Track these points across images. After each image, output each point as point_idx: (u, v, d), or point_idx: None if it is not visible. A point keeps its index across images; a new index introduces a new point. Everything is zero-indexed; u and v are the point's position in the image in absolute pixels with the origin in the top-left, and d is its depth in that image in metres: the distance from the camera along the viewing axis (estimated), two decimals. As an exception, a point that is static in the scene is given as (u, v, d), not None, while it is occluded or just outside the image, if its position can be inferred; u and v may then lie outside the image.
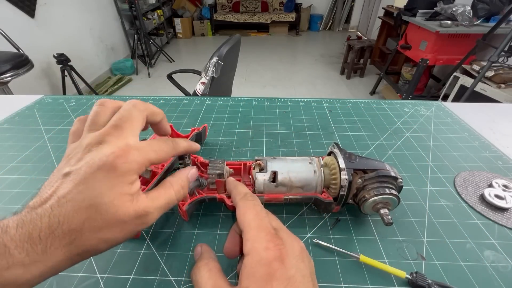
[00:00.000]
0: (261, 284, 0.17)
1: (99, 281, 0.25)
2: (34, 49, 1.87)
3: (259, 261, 0.18)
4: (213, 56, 1.06)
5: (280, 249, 0.19)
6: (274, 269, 0.17)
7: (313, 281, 0.19)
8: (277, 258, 0.18)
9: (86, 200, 0.16)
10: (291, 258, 0.18)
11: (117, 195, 0.17)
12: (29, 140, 0.46)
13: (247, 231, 0.19)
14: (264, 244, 0.19)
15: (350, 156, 0.29)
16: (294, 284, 0.17)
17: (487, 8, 1.67)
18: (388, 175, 0.27)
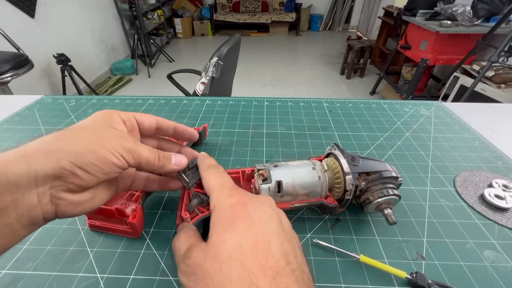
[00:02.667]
0: (225, 226, 0.18)
1: (99, 281, 0.25)
2: (34, 49, 1.87)
3: (222, 207, 0.19)
4: (213, 56, 1.06)
5: (242, 194, 0.20)
6: (237, 211, 0.18)
7: (288, 233, 0.19)
8: (240, 202, 0.19)
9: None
10: (255, 203, 0.19)
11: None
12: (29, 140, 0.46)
13: (211, 191, 0.21)
14: (227, 193, 0.20)
15: (353, 159, 0.28)
16: (258, 224, 0.18)
17: (487, 8, 1.67)
18: (390, 176, 0.27)
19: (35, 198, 0.17)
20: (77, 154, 0.17)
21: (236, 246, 0.16)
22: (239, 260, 0.16)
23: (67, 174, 0.17)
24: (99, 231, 0.30)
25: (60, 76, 1.94)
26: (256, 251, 0.16)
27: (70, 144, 0.18)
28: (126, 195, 0.31)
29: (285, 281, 0.15)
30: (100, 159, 0.18)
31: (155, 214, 0.32)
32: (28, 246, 0.29)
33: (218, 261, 0.16)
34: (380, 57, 3.07)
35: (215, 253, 0.17)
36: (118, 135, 0.21)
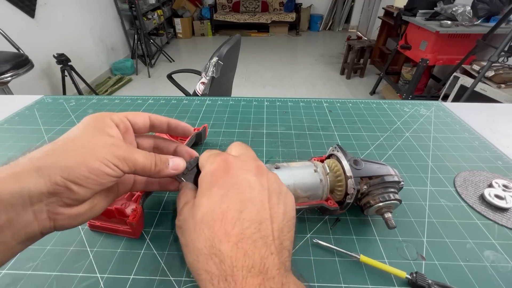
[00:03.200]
0: (203, 191, 0.19)
1: (99, 281, 0.25)
2: (34, 49, 1.87)
3: (205, 173, 0.20)
4: (213, 56, 1.06)
5: (226, 161, 0.20)
6: (216, 177, 0.19)
7: (273, 199, 0.19)
8: (221, 168, 0.20)
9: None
10: (238, 169, 0.20)
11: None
12: (29, 140, 0.46)
13: (200, 163, 0.22)
14: (211, 160, 0.21)
15: (356, 162, 0.28)
16: (236, 191, 0.18)
17: (487, 8, 1.67)
18: (392, 180, 0.27)
19: (31, 215, 0.17)
20: (69, 169, 0.17)
21: (208, 211, 0.18)
22: (208, 223, 0.17)
23: (61, 190, 0.17)
24: (99, 231, 0.30)
25: (60, 76, 1.94)
26: (225, 218, 0.17)
27: (60, 159, 0.17)
28: (126, 195, 0.31)
29: (247, 247, 0.16)
30: (92, 171, 0.18)
31: (155, 214, 0.32)
32: (28, 246, 0.29)
33: (194, 220, 0.18)
34: (380, 57, 3.07)
35: (193, 213, 0.19)
36: (109, 142, 0.20)
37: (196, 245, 0.17)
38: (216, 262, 0.16)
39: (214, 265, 0.16)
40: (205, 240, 0.17)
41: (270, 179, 0.20)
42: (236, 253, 0.16)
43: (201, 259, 0.17)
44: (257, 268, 0.16)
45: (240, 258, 0.16)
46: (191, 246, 0.18)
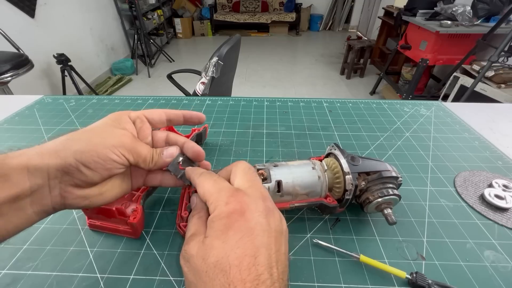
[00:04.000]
0: (218, 233, 0.18)
1: (99, 281, 0.25)
2: (34, 49, 1.87)
3: (219, 214, 0.19)
4: (213, 56, 1.06)
5: (241, 202, 0.20)
6: (233, 220, 0.19)
7: (278, 240, 0.19)
8: (236, 211, 0.19)
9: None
10: (253, 212, 0.19)
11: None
12: (29, 140, 0.46)
13: (209, 197, 0.21)
14: (225, 200, 0.20)
15: (353, 159, 0.28)
16: (251, 236, 0.18)
17: (487, 8, 1.67)
18: (390, 175, 0.27)
19: (47, 189, 0.20)
20: (81, 153, 0.20)
21: (224, 256, 0.17)
22: (223, 270, 0.17)
23: (72, 170, 0.20)
24: (99, 231, 0.30)
25: (60, 76, 1.94)
26: (241, 264, 0.17)
27: (76, 144, 0.21)
28: (127, 195, 0.31)
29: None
30: (100, 156, 0.21)
31: (155, 214, 0.32)
32: (28, 246, 0.29)
33: (205, 263, 0.17)
34: (380, 57, 3.07)
35: (205, 255, 0.18)
36: (120, 134, 0.23)
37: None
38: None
39: None
40: (220, 284, 0.16)
41: (277, 219, 0.20)
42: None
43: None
44: None
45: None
46: (201, 287, 0.17)
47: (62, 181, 0.20)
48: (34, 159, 0.19)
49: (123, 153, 0.22)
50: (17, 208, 0.18)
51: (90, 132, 0.22)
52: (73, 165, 0.20)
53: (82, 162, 0.20)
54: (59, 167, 0.20)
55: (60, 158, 0.20)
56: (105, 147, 0.21)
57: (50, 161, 0.19)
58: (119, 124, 0.24)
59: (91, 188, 0.22)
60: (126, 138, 0.23)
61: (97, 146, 0.21)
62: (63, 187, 0.20)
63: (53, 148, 0.20)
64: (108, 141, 0.22)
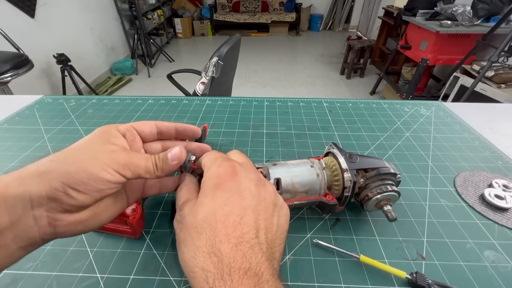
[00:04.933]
0: (208, 191, 0.19)
1: (99, 281, 0.25)
2: (34, 49, 1.87)
3: (210, 175, 0.21)
4: (213, 56, 1.06)
5: (233, 166, 0.21)
6: (223, 180, 0.20)
7: (268, 210, 0.20)
8: (227, 173, 0.20)
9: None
10: (243, 177, 0.20)
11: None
12: (29, 140, 0.46)
13: (206, 163, 0.22)
14: (218, 163, 0.21)
15: (351, 156, 0.29)
16: (239, 197, 0.19)
17: (487, 8, 1.67)
18: (388, 172, 0.28)
19: (32, 220, 0.17)
20: (68, 174, 0.18)
21: (211, 212, 0.18)
22: (210, 224, 0.18)
23: (60, 195, 0.17)
24: (99, 231, 0.30)
25: (60, 76, 1.94)
26: (226, 220, 0.18)
27: (61, 165, 0.18)
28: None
29: (245, 250, 0.17)
30: (91, 177, 0.18)
31: (155, 214, 0.32)
32: (28, 246, 0.29)
33: (195, 219, 0.19)
34: (380, 57, 3.07)
35: (195, 212, 0.19)
36: (110, 149, 0.20)
37: (196, 243, 0.18)
38: (214, 261, 0.16)
39: (212, 264, 0.16)
40: (205, 239, 0.17)
41: (269, 191, 0.21)
42: (235, 255, 0.16)
43: (199, 257, 0.17)
44: (253, 270, 0.16)
45: (238, 260, 0.16)
46: (190, 243, 0.18)
47: (49, 209, 0.17)
48: (13, 187, 0.16)
49: (117, 169, 0.19)
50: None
51: (77, 151, 0.20)
52: (60, 190, 0.17)
53: (70, 186, 0.17)
54: (43, 194, 0.17)
55: (44, 183, 0.17)
56: (96, 166, 0.19)
57: (33, 187, 0.17)
58: (108, 138, 0.22)
59: (83, 212, 0.19)
60: (118, 152, 0.20)
61: (86, 166, 0.18)
62: (51, 215, 0.17)
63: (35, 171, 0.17)
64: (98, 159, 0.19)
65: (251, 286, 0.15)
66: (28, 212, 0.17)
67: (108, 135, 0.22)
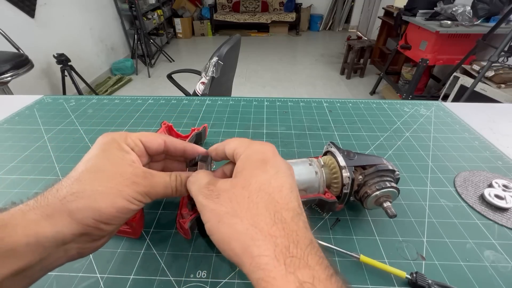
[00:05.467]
0: (257, 165, 0.20)
1: (99, 281, 0.25)
2: (34, 49, 1.87)
3: (255, 150, 0.21)
4: (213, 56, 1.06)
5: (272, 146, 0.22)
6: (268, 156, 0.20)
7: (297, 190, 0.20)
8: (271, 151, 0.21)
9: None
10: (280, 157, 0.21)
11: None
12: (29, 140, 0.46)
13: (240, 145, 0.22)
14: (259, 142, 0.22)
15: (348, 153, 0.29)
16: (282, 174, 0.20)
17: (487, 8, 1.67)
18: (386, 169, 0.28)
19: (62, 253, 0.18)
20: (99, 212, 0.18)
21: (266, 182, 0.18)
22: (268, 193, 0.18)
23: (91, 230, 0.18)
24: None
25: (60, 76, 1.94)
26: (281, 192, 0.18)
27: (90, 201, 0.18)
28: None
29: (300, 223, 0.17)
30: (120, 210, 0.19)
31: (155, 214, 0.32)
32: (28, 246, 0.29)
33: (247, 190, 0.18)
34: (380, 57, 3.07)
35: (245, 183, 0.19)
36: (132, 179, 0.20)
37: (254, 212, 0.17)
38: (280, 227, 0.16)
39: (278, 230, 0.16)
40: (266, 207, 0.17)
41: (292, 174, 0.22)
42: (297, 223, 0.17)
43: (263, 224, 0.16)
44: (314, 243, 0.17)
45: (300, 229, 0.17)
46: (244, 213, 0.17)
47: (80, 242, 0.18)
48: (44, 228, 0.16)
49: (140, 200, 0.20)
50: (22, 278, 0.16)
51: (100, 180, 0.19)
52: (92, 225, 0.18)
53: (101, 221, 0.18)
54: (75, 232, 0.17)
55: (76, 222, 0.17)
56: (123, 200, 0.19)
57: (65, 228, 0.17)
58: (123, 157, 0.21)
59: (106, 236, 0.20)
60: (141, 180, 0.20)
61: (114, 201, 0.19)
62: (81, 246, 0.18)
63: (65, 209, 0.17)
64: (124, 191, 0.19)
65: (319, 257, 0.16)
66: (60, 249, 0.17)
67: (121, 151, 0.21)
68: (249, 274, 0.16)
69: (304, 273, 0.14)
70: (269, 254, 0.15)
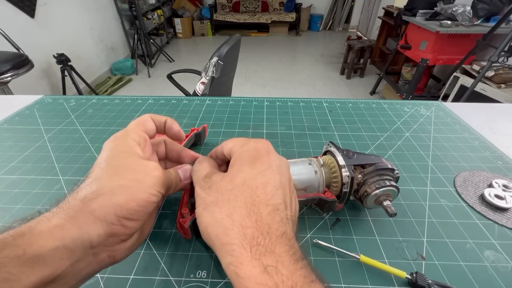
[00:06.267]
0: (246, 161, 0.21)
1: (99, 281, 0.25)
2: (34, 49, 1.87)
3: (249, 148, 0.22)
4: (213, 56, 1.06)
5: (267, 144, 0.22)
6: (260, 154, 0.21)
7: (291, 190, 0.21)
8: (264, 149, 0.22)
9: None
10: (275, 156, 0.22)
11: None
12: (29, 140, 0.46)
13: (236, 144, 0.23)
14: (254, 141, 0.23)
15: (348, 152, 0.29)
16: (271, 171, 0.20)
17: (487, 8, 1.67)
18: (385, 167, 0.28)
19: (92, 257, 0.17)
20: (120, 207, 0.18)
21: (251, 177, 0.20)
22: (250, 187, 0.19)
23: (117, 228, 0.18)
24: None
25: (60, 76, 1.94)
26: (265, 188, 0.19)
27: (110, 197, 0.18)
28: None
29: (279, 219, 0.18)
30: (141, 204, 0.19)
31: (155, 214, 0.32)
32: (28, 246, 0.29)
33: (232, 183, 0.20)
34: (380, 57, 3.07)
35: (231, 177, 0.20)
36: (151, 168, 0.21)
37: (232, 204, 0.18)
38: (253, 219, 0.18)
39: (250, 221, 0.17)
40: (244, 200, 0.18)
41: (289, 176, 0.23)
42: (272, 218, 0.18)
43: (236, 215, 0.18)
44: (288, 236, 0.17)
45: (275, 223, 0.18)
46: (224, 204, 0.19)
47: (108, 244, 0.18)
48: (70, 230, 0.16)
49: (159, 190, 0.20)
50: (56, 287, 0.16)
51: (119, 175, 0.19)
52: (116, 223, 0.18)
53: (124, 217, 0.18)
54: (102, 233, 0.17)
55: (99, 220, 0.17)
56: (143, 192, 0.19)
57: (90, 229, 0.17)
58: (135, 152, 0.21)
59: (135, 234, 0.20)
60: (156, 171, 0.21)
61: (134, 194, 0.19)
62: (110, 248, 0.18)
63: (86, 208, 0.17)
64: (143, 183, 0.20)
65: (287, 246, 0.17)
66: (88, 252, 0.17)
67: (128, 146, 0.22)
68: (220, 258, 0.17)
69: (268, 259, 0.16)
70: (236, 243, 0.17)
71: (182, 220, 0.26)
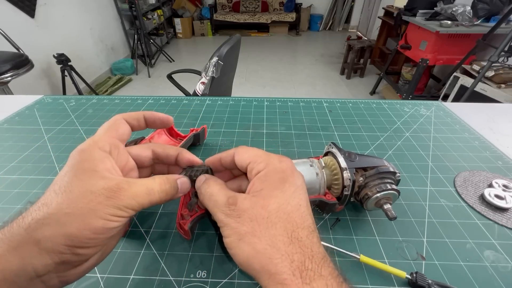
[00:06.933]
0: (276, 184, 0.20)
1: (99, 281, 0.25)
2: (34, 49, 1.87)
3: (274, 169, 0.21)
4: (213, 56, 1.06)
5: (290, 163, 0.22)
6: (287, 175, 0.21)
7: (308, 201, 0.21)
8: (289, 169, 0.21)
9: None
10: (297, 174, 0.22)
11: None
12: (29, 140, 0.46)
13: (256, 158, 0.22)
14: (277, 159, 0.22)
15: (350, 155, 0.29)
16: (299, 192, 0.20)
17: (487, 8, 1.67)
18: (387, 171, 0.28)
19: (40, 285, 0.16)
20: (70, 237, 0.16)
21: (284, 202, 0.19)
22: (285, 212, 0.19)
23: (68, 257, 0.16)
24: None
25: (60, 76, 1.94)
26: (298, 211, 0.19)
27: (58, 227, 0.16)
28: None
29: (316, 240, 0.19)
30: (97, 231, 0.17)
31: (155, 214, 0.32)
32: (28, 246, 0.29)
33: (266, 210, 0.19)
34: (380, 57, 3.07)
35: (264, 203, 0.19)
36: (105, 194, 0.18)
37: (271, 232, 0.18)
38: (297, 245, 0.18)
39: (295, 248, 0.17)
40: (283, 228, 0.18)
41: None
42: (311, 241, 0.18)
43: (280, 244, 0.18)
44: (327, 258, 0.18)
45: (315, 245, 0.18)
46: (263, 233, 0.18)
47: (58, 270, 0.16)
48: (11, 262, 0.15)
49: (120, 215, 0.18)
50: None
51: (68, 202, 0.17)
52: (67, 252, 0.16)
53: (76, 246, 0.16)
54: (49, 262, 0.15)
55: (46, 251, 0.15)
56: (97, 219, 0.17)
57: (34, 259, 0.15)
58: (94, 170, 0.18)
59: (93, 257, 0.18)
60: (114, 192, 0.18)
61: (86, 222, 0.16)
62: (61, 274, 0.17)
63: (31, 240, 0.15)
64: (97, 209, 0.17)
65: (331, 268, 0.17)
66: (34, 281, 0.15)
67: (92, 162, 0.19)
68: (267, 287, 0.17)
69: (318, 283, 0.16)
70: (286, 271, 0.16)
71: (182, 221, 0.26)
